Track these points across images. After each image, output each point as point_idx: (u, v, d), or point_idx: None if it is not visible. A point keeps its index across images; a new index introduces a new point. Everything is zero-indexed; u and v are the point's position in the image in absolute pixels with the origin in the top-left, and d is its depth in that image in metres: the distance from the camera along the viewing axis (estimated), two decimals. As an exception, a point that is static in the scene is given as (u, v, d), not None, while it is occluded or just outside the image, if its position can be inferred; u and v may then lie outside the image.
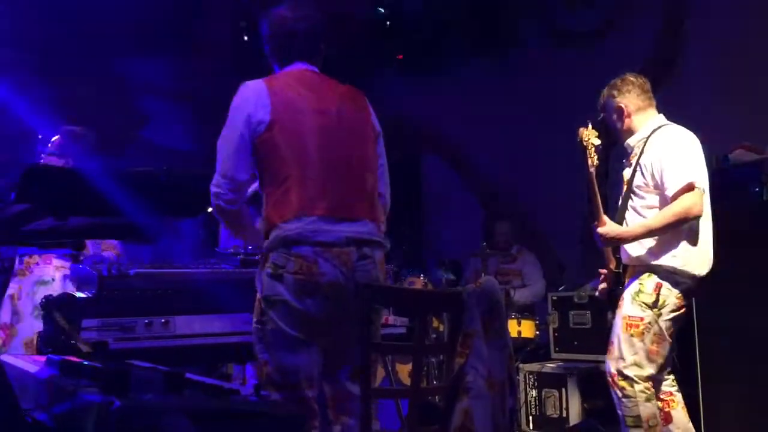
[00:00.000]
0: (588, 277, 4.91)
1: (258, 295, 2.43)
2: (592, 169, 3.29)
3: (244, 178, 2.44)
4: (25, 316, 3.16)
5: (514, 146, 6.23)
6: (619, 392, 3.16)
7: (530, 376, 4.54)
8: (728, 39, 4.82)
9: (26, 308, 3.10)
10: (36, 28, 6.64)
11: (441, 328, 4.94)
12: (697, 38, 5.06)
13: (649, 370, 3.13)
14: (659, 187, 3.14)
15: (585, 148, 3.30)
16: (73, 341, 2.41)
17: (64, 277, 3.33)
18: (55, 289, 3.27)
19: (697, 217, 3.07)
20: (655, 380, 3.19)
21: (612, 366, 3.19)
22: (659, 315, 3.12)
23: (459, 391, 2.33)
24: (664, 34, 5.25)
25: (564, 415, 4.35)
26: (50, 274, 3.38)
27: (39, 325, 2.77)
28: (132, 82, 7.38)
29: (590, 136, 3.30)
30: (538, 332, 4.99)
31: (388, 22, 6.78)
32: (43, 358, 1.97)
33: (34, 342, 3.15)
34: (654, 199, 3.19)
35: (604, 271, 3.45)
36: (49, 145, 3.54)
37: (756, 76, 4.69)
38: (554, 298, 4.76)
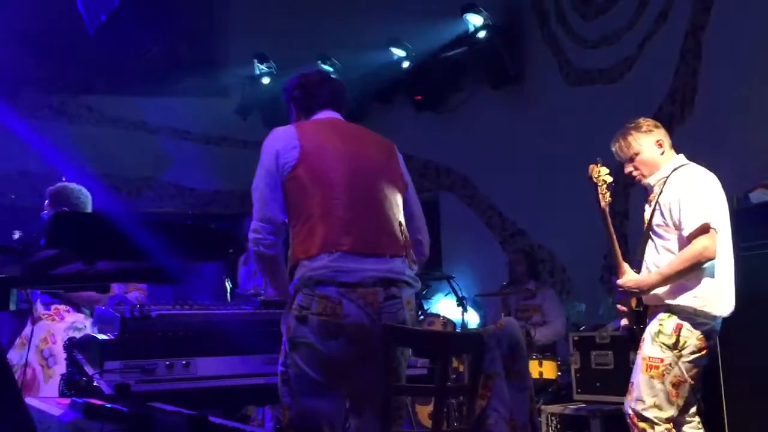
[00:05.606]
0: (609, 317, 4.86)
1: (284, 337, 2.43)
2: (604, 205, 3.29)
3: (282, 218, 2.47)
4: (61, 359, 3.25)
5: (532, 184, 6.23)
6: (639, 434, 3.12)
7: (552, 419, 4.47)
8: (745, 75, 4.82)
9: (62, 352, 3.19)
10: (59, 71, 6.79)
11: (461, 369, 4.89)
12: (714, 75, 5.06)
13: (670, 412, 3.09)
14: (677, 227, 3.14)
15: (596, 184, 3.30)
16: (95, 384, 2.42)
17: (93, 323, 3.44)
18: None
19: (710, 260, 3.07)
20: (677, 422, 3.15)
21: (631, 407, 3.16)
22: (680, 356, 3.09)
23: (481, 434, 2.31)
24: (682, 72, 5.26)
25: (587, 457, 4.27)
26: (82, 321, 3.50)
27: None
28: (155, 123, 7.52)
29: (601, 173, 3.30)
30: (559, 373, 4.92)
31: (406, 63, 6.87)
32: (66, 401, 1.98)
33: None
34: (673, 238, 3.18)
35: (624, 308, 3.43)
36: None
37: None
38: (575, 338, 4.70)
